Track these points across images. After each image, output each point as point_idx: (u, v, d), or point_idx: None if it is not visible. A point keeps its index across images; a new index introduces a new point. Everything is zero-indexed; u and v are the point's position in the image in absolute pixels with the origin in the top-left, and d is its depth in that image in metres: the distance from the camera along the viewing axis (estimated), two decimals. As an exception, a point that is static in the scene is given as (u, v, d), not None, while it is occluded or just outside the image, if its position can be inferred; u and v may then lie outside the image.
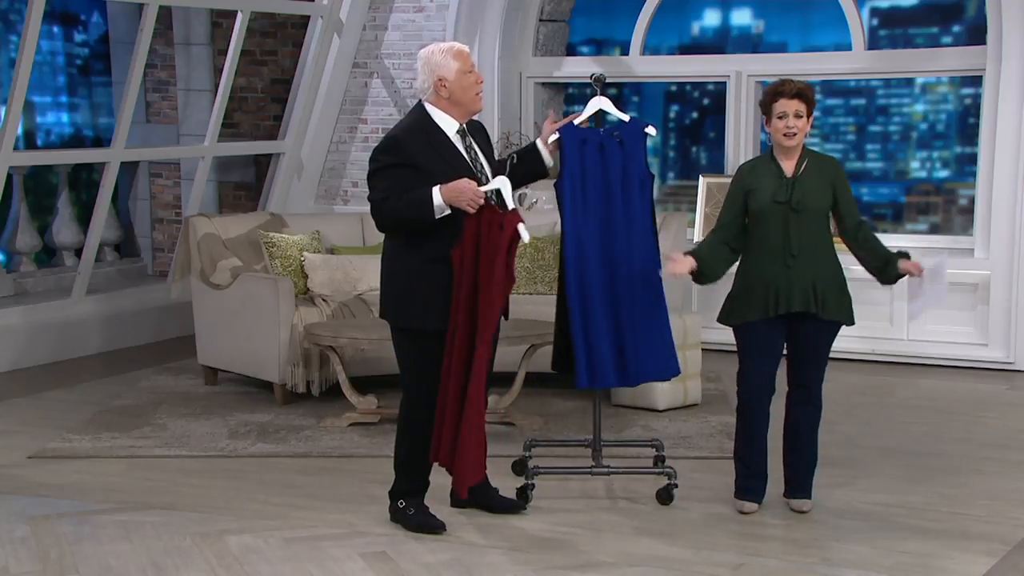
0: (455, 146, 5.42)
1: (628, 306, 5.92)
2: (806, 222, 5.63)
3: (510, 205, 5.36)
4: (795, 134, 5.63)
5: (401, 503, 5.58)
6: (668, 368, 6.05)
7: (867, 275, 5.84)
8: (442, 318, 5.35)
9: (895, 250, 5.80)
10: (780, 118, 5.63)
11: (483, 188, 5.33)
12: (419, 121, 5.43)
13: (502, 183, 5.37)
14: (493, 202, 5.36)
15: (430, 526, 5.51)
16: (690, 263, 5.74)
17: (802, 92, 5.64)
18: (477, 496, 5.72)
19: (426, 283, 5.37)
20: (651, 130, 6.02)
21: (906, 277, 5.80)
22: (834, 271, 5.68)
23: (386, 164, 5.36)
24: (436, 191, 5.25)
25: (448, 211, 5.25)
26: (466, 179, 5.29)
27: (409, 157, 5.31)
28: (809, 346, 5.72)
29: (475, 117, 5.62)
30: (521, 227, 5.29)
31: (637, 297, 5.93)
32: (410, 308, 5.41)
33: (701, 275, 5.81)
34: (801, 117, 5.64)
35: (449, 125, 5.42)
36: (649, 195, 6.01)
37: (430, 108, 5.44)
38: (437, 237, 5.33)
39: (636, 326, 5.92)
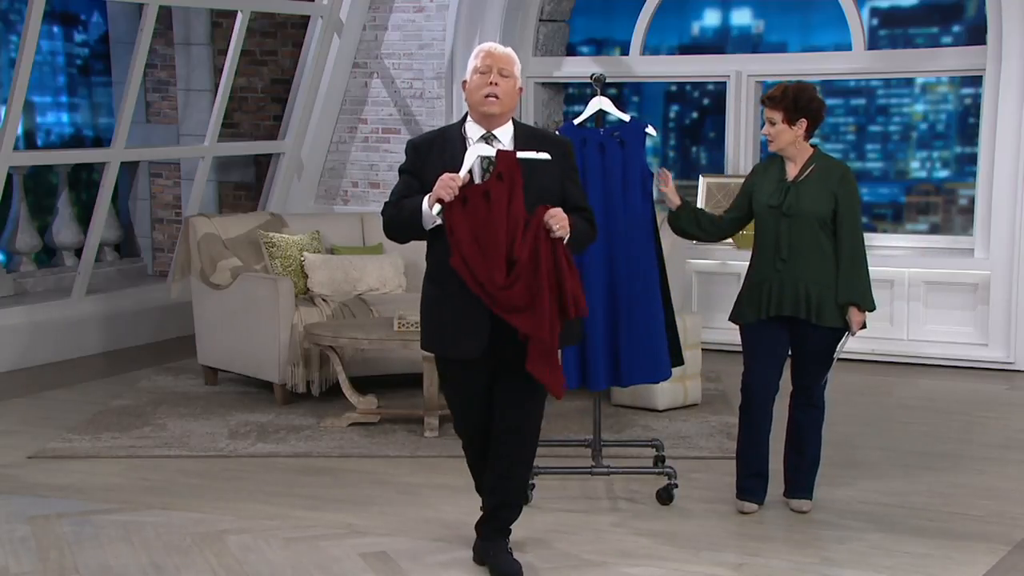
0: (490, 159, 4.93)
1: (626, 306, 5.94)
2: (798, 227, 5.61)
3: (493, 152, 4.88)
4: (771, 141, 5.66)
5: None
6: (659, 371, 6.06)
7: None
8: (431, 340, 5.06)
9: (858, 292, 5.63)
10: (764, 124, 5.68)
11: (462, 171, 4.84)
12: (448, 129, 5.05)
13: (475, 150, 4.87)
14: (481, 178, 4.90)
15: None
16: (677, 197, 5.87)
17: (770, 99, 5.63)
18: (485, 552, 5.22)
19: (423, 302, 5.09)
20: (651, 130, 6.03)
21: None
22: (832, 276, 5.65)
23: (401, 168, 5.06)
24: (425, 199, 4.86)
25: (437, 220, 4.84)
26: (444, 174, 4.81)
27: (416, 164, 4.99)
28: (807, 350, 5.72)
29: (556, 131, 5.39)
30: (522, 154, 4.83)
31: (635, 297, 5.95)
32: (423, 330, 5.11)
33: (676, 217, 5.91)
34: (775, 124, 5.63)
35: (474, 132, 4.97)
36: (651, 195, 6.03)
37: (469, 115, 5.01)
38: (434, 254, 4.99)
39: (632, 327, 5.94)
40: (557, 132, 5.95)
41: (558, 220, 4.82)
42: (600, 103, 6.04)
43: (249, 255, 8.50)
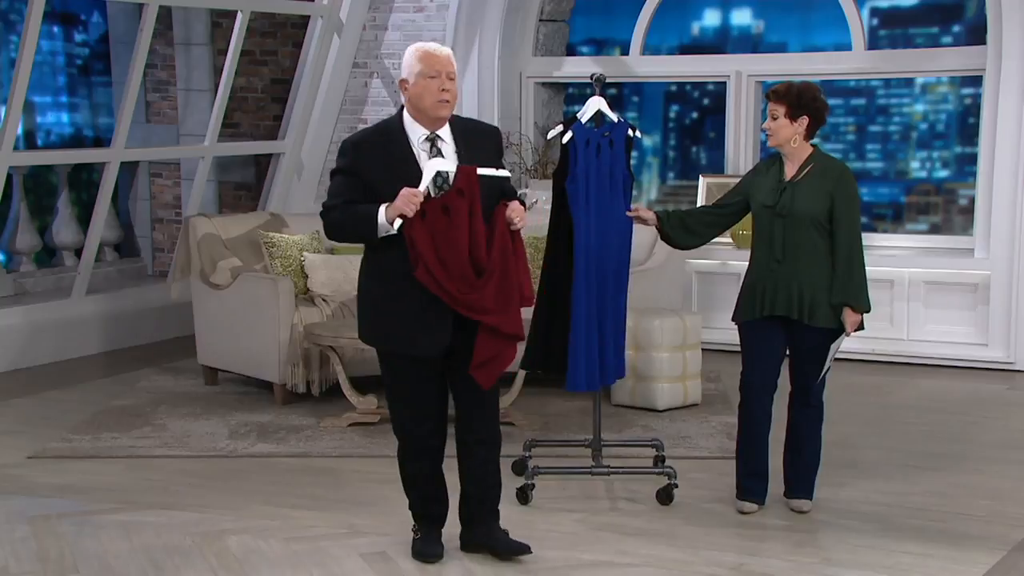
0: (414, 157, 4.99)
1: (611, 306, 5.98)
2: (793, 227, 5.61)
3: (452, 168, 4.94)
4: (770, 135, 5.68)
5: (414, 525, 5.35)
6: (621, 368, 6.12)
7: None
8: (388, 339, 5.09)
9: (853, 292, 5.61)
10: (767, 118, 5.69)
11: (421, 186, 4.90)
12: (386, 126, 5.07)
13: (434, 165, 4.92)
14: (435, 193, 4.92)
15: (422, 554, 5.26)
16: (648, 213, 5.91)
17: (775, 93, 5.65)
18: (483, 537, 5.34)
19: (370, 302, 5.12)
20: (631, 132, 6.04)
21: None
22: (827, 277, 5.64)
23: (338, 168, 5.05)
24: (381, 209, 4.88)
25: (393, 231, 4.87)
26: (404, 188, 4.88)
27: (357, 165, 4.96)
28: (803, 349, 5.73)
29: (485, 121, 5.47)
30: (482, 170, 4.94)
31: (615, 297, 5.99)
32: (373, 327, 5.15)
33: (665, 234, 5.94)
34: (776, 119, 5.63)
35: (415, 132, 5.01)
36: (629, 196, 6.04)
37: (405, 112, 5.04)
38: (385, 254, 5.01)
39: (616, 326, 5.99)
40: (564, 128, 5.98)
41: (519, 213, 5.00)
42: (598, 103, 6.05)
43: (249, 255, 8.49)
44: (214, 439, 7.12)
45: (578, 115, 6.08)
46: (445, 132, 5.05)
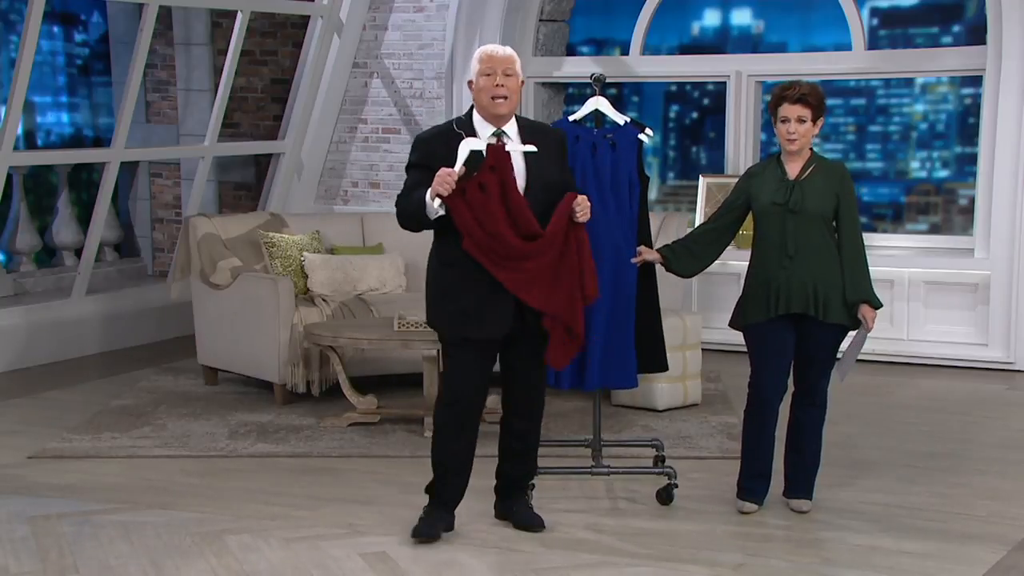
0: (480, 152, 5.24)
1: (605, 308, 5.93)
2: (805, 224, 5.61)
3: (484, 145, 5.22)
4: (796, 139, 5.61)
5: (426, 508, 5.52)
6: (628, 377, 6.07)
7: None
8: (452, 322, 5.34)
9: (867, 289, 5.64)
10: (783, 122, 5.61)
11: (456, 166, 5.17)
12: (456, 123, 5.37)
13: (468, 144, 5.19)
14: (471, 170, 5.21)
15: (419, 532, 5.42)
16: (656, 256, 5.90)
17: (804, 97, 5.58)
18: (508, 510, 5.68)
19: (438, 286, 5.38)
20: (643, 136, 6.02)
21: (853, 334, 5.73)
22: (838, 274, 5.65)
23: (410, 163, 5.36)
24: (428, 192, 5.18)
25: (439, 212, 5.17)
26: (441, 169, 5.14)
27: (427, 158, 5.25)
28: (813, 348, 5.71)
29: (549, 124, 5.75)
30: (510, 146, 5.23)
31: (619, 300, 5.95)
32: (429, 309, 5.46)
33: (672, 269, 5.92)
34: (804, 122, 5.60)
35: (484, 129, 5.30)
36: (638, 200, 6.00)
37: (475, 112, 5.37)
38: (448, 240, 5.29)
39: (607, 329, 5.94)
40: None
41: (583, 206, 5.28)
42: (596, 103, 6.04)
43: (249, 255, 8.49)
44: (214, 439, 7.12)
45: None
46: (511, 128, 5.34)
